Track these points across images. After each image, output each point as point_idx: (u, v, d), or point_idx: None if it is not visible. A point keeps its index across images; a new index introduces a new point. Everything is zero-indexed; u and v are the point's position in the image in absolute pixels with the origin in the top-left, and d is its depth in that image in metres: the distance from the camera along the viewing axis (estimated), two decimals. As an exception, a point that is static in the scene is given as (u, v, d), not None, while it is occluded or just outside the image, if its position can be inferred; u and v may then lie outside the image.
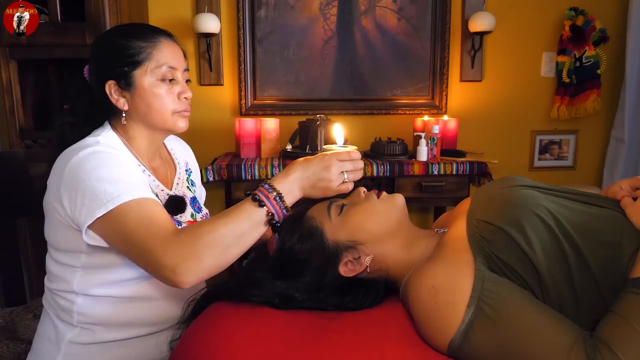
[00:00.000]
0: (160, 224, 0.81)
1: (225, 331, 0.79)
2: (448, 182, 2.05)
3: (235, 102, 2.36)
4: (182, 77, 1.00)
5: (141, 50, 0.94)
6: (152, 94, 0.95)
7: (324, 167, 0.86)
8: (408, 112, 2.39)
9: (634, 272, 0.70)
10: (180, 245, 0.78)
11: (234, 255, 0.82)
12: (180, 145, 1.19)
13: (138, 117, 0.98)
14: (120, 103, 0.96)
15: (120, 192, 0.83)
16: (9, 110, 1.90)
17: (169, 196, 1.01)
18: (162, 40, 0.97)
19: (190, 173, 1.15)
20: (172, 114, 0.98)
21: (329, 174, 0.86)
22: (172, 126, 0.99)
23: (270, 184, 0.84)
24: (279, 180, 0.85)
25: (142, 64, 0.94)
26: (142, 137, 1.00)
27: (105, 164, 0.86)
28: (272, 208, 0.83)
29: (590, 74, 2.36)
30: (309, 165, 0.87)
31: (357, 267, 0.89)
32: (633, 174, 2.39)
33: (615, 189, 0.89)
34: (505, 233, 0.77)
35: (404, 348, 0.74)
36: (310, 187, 0.87)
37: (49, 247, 0.97)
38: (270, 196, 0.83)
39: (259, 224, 0.83)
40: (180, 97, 0.99)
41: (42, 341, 0.97)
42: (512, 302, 0.70)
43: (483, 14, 2.24)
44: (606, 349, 0.63)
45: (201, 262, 0.77)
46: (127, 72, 0.94)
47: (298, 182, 0.86)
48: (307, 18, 2.30)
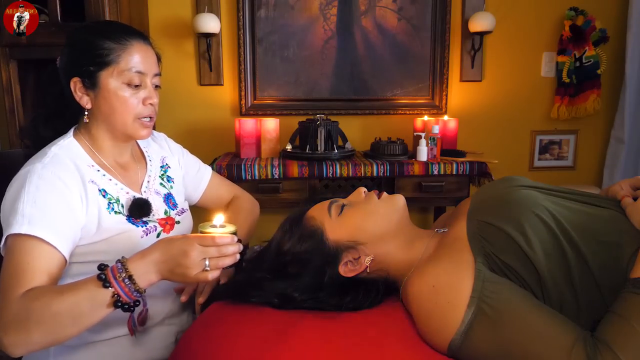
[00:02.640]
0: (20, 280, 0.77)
1: (225, 331, 0.79)
2: (448, 182, 2.05)
3: (235, 102, 2.36)
4: (151, 82, 0.97)
5: (110, 51, 0.92)
6: (116, 96, 0.93)
7: (182, 252, 0.77)
8: (408, 112, 2.39)
9: (634, 272, 0.70)
10: (13, 315, 0.74)
11: (69, 334, 0.76)
12: (155, 142, 1.16)
13: (101, 118, 0.96)
14: (84, 101, 0.94)
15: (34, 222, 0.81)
16: (9, 110, 1.90)
17: (133, 198, 0.98)
18: (134, 44, 0.95)
19: (167, 169, 1.12)
20: (134, 119, 0.96)
21: (188, 260, 0.76)
22: (133, 132, 0.97)
23: (124, 264, 0.77)
24: (135, 260, 0.78)
25: (109, 66, 0.92)
26: (104, 138, 0.98)
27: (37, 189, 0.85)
28: (119, 290, 0.76)
29: (590, 74, 2.36)
30: (169, 247, 0.78)
31: (357, 267, 0.89)
32: (633, 174, 2.39)
33: (615, 189, 0.89)
34: (505, 233, 0.77)
35: (404, 348, 0.74)
36: (169, 272, 0.79)
37: None
38: (119, 277, 0.76)
39: (101, 306, 0.76)
40: (146, 102, 0.96)
41: None
42: (513, 302, 0.70)
43: (483, 14, 2.24)
44: (606, 349, 0.63)
45: (29, 337, 0.74)
46: (92, 71, 0.92)
47: (155, 265, 0.78)
48: (307, 18, 2.30)
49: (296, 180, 1.99)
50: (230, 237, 0.79)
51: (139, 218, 0.97)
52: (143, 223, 0.98)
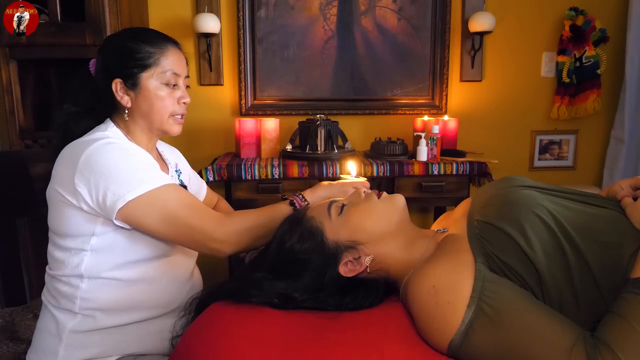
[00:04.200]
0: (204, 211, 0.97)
1: (225, 331, 0.79)
2: (448, 182, 2.05)
3: (235, 102, 2.36)
4: (183, 83, 1.07)
5: (150, 55, 1.02)
6: (155, 95, 1.03)
7: (343, 192, 1.07)
8: (408, 112, 2.39)
9: (634, 272, 0.70)
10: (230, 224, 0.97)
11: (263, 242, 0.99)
12: (169, 149, 1.26)
13: (139, 115, 1.05)
14: (125, 100, 1.03)
15: (148, 178, 0.93)
16: (9, 110, 1.90)
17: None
18: (169, 48, 1.05)
19: (180, 174, 1.21)
20: (169, 116, 1.06)
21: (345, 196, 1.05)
22: (168, 128, 1.08)
23: (303, 195, 1.05)
24: (309, 194, 1.06)
25: (150, 68, 1.02)
26: (141, 134, 1.07)
27: (124, 154, 0.95)
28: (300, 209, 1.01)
29: (590, 74, 2.36)
30: (331, 188, 1.09)
31: (357, 267, 0.89)
32: (633, 174, 2.39)
33: (615, 189, 0.89)
34: (505, 233, 0.77)
35: (404, 348, 0.74)
36: None
37: (53, 235, 1.00)
38: (302, 204, 1.03)
39: None
40: (180, 101, 1.07)
41: (43, 335, 0.99)
42: (513, 302, 0.70)
43: (483, 14, 2.24)
44: (607, 349, 0.63)
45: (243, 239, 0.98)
46: (135, 73, 1.01)
47: (321, 198, 1.05)
48: (307, 18, 2.30)
49: (296, 180, 1.99)
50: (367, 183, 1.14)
51: None
52: None
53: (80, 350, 0.96)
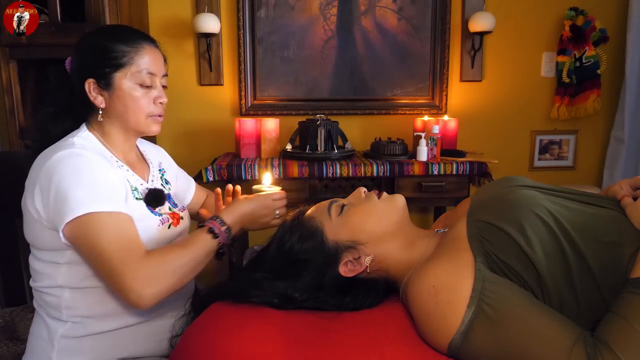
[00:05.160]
0: (133, 247, 0.87)
1: (225, 331, 0.79)
2: (448, 182, 2.05)
3: (235, 102, 2.36)
4: (159, 82, 1.04)
5: (124, 54, 0.98)
6: (129, 96, 0.99)
7: (264, 206, 1.06)
8: (408, 112, 2.39)
9: (634, 272, 0.70)
10: (149, 272, 0.85)
11: (188, 281, 0.92)
12: (152, 147, 1.23)
13: (114, 116, 1.01)
14: (98, 101, 0.99)
15: (92, 200, 0.86)
16: (9, 110, 1.90)
17: (148, 189, 1.04)
18: (144, 47, 1.00)
19: (164, 173, 1.18)
20: (146, 117, 1.02)
21: (268, 211, 1.07)
22: (146, 128, 1.04)
23: (222, 219, 0.98)
24: (228, 216, 1.00)
25: (123, 68, 0.98)
26: (117, 135, 1.04)
27: (79, 169, 0.89)
28: (223, 240, 0.97)
29: (590, 74, 2.36)
30: (250, 204, 1.04)
31: (357, 267, 0.89)
32: (633, 174, 2.39)
33: (615, 189, 0.89)
34: (505, 233, 0.77)
35: (404, 348, 0.74)
36: (250, 222, 1.05)
37: (31, 247, 0.98)
38: (222, 229, 0.97)
39: (211, 254, 0.96)
40: (156, 101, 1.03)
41: (36, 340, 0.98)
42: (513, 302, 0.70)
43: (483, 14, 2.24)
44: (606, 349, 0.63)
45: (164, 288, 0.86)
46: (107, 73, 0.97)
47: (242, 217, 1.02)
48: (307, 18, 2.30)
49: (296, 180, 1.99)
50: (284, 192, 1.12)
51: (155, 207, 1.03)
52: (158, 213, 1.03)
53: (73, 355, 0.94)
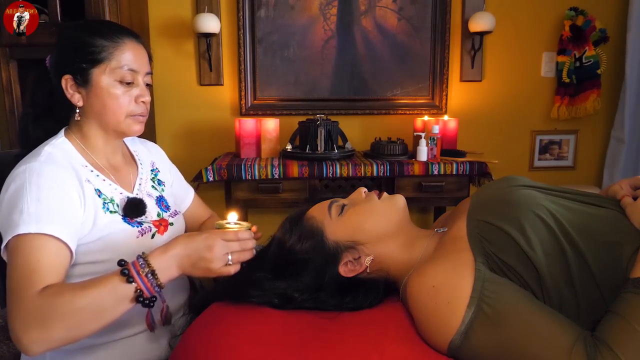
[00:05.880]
0: (33, 277, 0.76)
1: (225, 331, 0.79)
2: (448, 182, 2.05)
3: (235, 102, 2.36)
4: (142, 80, 0.98)
5: (103, 49, 0.92)
6: (108, 94, 0.93)
7: (206, 247, 0.80)
8: (408, 112, 2.39)
9: (634, 272, 0.70)
10: (33, 312, 0.73)
11: (91, 330, 0.76)
12: (144, 146, 1.17)
13: (92, 115, 0.96)
14: (75, 98, 0.94)
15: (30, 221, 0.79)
16: (9, 110, 1.90)
17: (127, 199, 0.97)
18: (126, 42, 0.95)
19: (157, 173, 1.13)
20: (126, 116, 0.96)
21: (211, 254, 0.79)
22: (126, 129, 0.97)
23: (145, 259, 0.79)
24: (156, 256, 0.80)
25: (102, 63, 0.92)
26: (97, 136, 0.98)
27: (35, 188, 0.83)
28: (142, 285, 0.77)
29: (590, 74, 2.36)
30: (191, 242, 0.81)
31: (357, 267, 0.89)
32: (633, 174, 2.39)
33: (615, 189, 0.89)
34: (505, 233, 0.77)
35: (404, 348, 0.74)
36: (191, 266, 0.81)
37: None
38: (142, 272, 0.77)
39: (124, 301, 0.77)
40: (138, 100, 0.97)
41: None
42: (513, 302, 0.70)
43: (483, 14, 2.24)
44: (606, 349, 0.63)
45: (51, 334, 0.73)
46: (84, 68, 0.92)
47: (178, 259, 0.80)
48: (307, 18, 2.30)
49: (296, 180, 1.99)
50: (249, 232, 0.84)
51: (134, 218, 0.97)
52: (138, 224, 0.97)
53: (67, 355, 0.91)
